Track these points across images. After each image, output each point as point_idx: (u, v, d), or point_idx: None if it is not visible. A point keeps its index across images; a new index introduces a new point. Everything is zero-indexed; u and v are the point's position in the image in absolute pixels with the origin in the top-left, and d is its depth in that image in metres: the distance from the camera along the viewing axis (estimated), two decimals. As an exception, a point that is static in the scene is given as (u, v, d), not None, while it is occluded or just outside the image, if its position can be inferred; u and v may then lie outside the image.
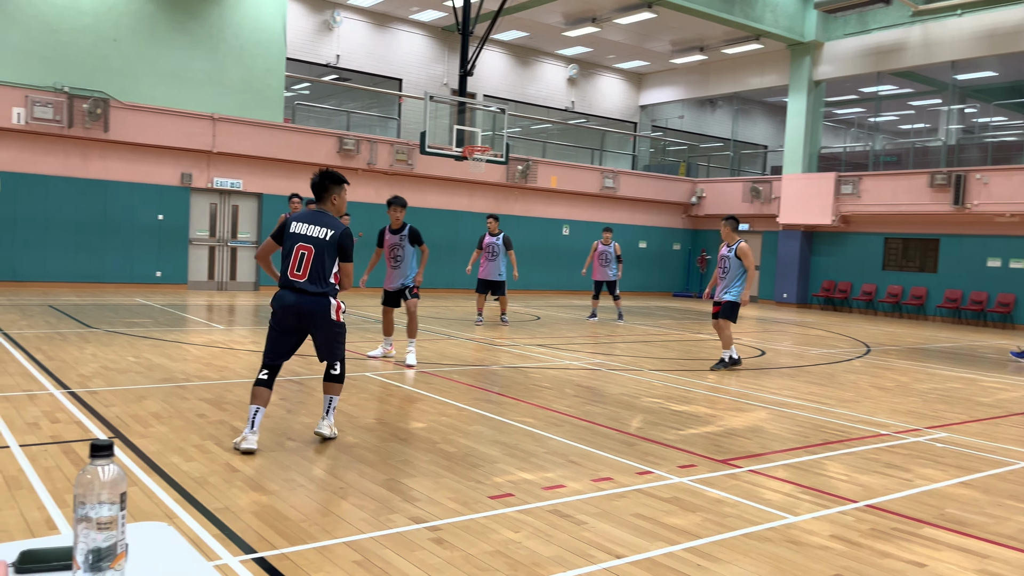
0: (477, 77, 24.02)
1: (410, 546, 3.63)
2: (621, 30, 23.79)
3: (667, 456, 5.48)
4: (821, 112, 24.49)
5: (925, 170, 21.33)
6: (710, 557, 3.67)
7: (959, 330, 18.57)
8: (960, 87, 22.97)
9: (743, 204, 25.71)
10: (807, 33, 23.39)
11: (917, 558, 3.80)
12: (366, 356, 9.40)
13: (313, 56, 22.19)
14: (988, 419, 7.51)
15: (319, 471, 4.76)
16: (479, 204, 22.64)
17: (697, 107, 30.16)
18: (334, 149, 19.85)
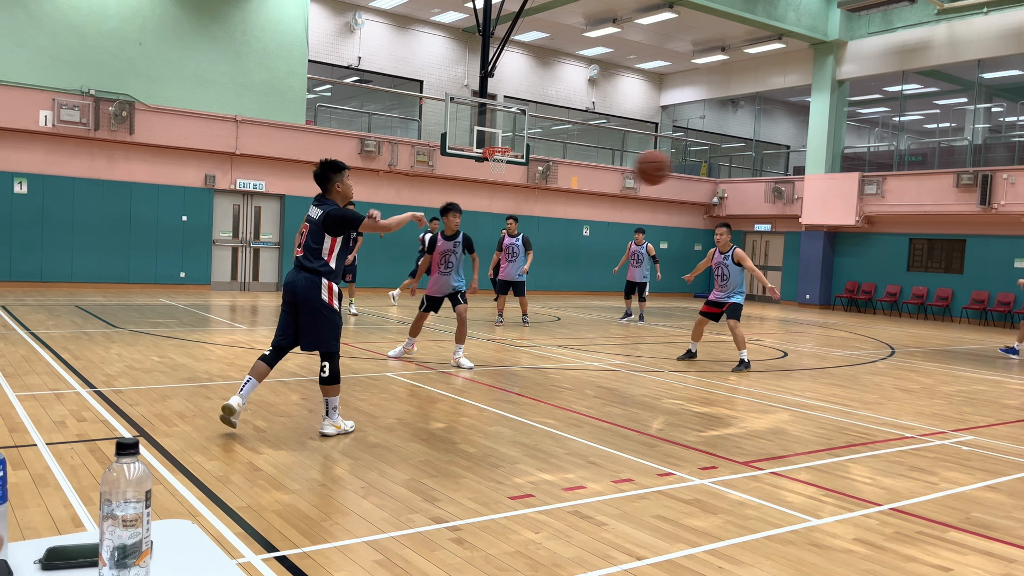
0: (497, 78, 24.06)
1: (431, 546, 3.64)
2: (642, 30, 23.71)
3: (688, 458, 5.45)
4: (844, 112, 24.26)
5: (951, 170, 21.06)
6: (731, 559, 3.64)
7: (986, 332, 18.31)
8: (986, 86, 22.65)
9: (765, 204, 25.52)
10: (830, 32, 23.17)
11: (942, 562, 3.75)
12: (387, 357, 9.43)
13: (335, 58, 22.33)
14: (1015, 422, 7.40)
15: (340, 471, 4.78)
16: (499, 205, 22.66)
17: (719, 107, 29.98)
18: (355, 150, 19.96)
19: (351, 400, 6.84)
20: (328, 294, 5.51)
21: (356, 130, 21.32)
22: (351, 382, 7.70)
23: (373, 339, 11.18)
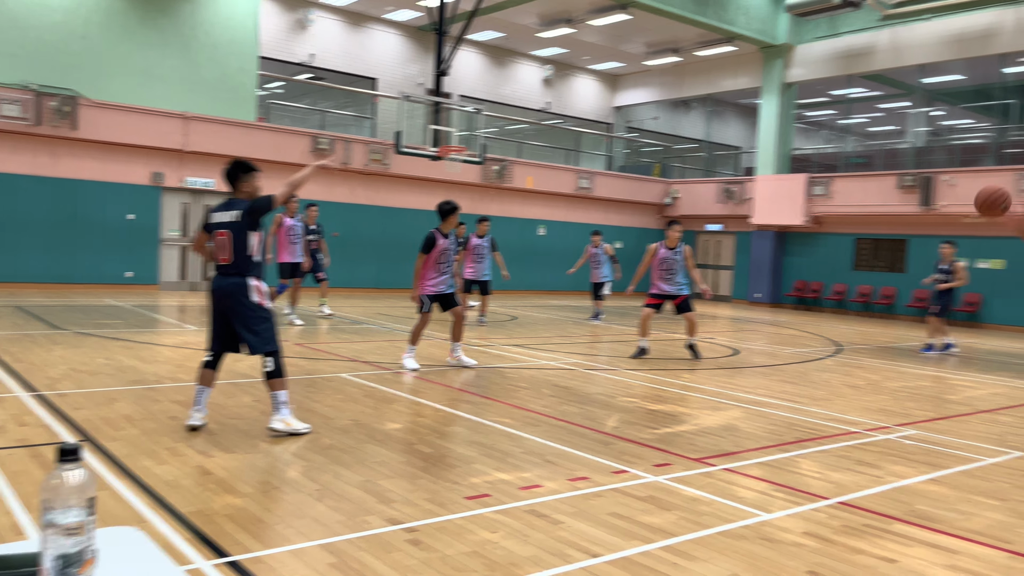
0: (452, 77, 23.99)
1: (387, 547, 3.61)
2: (596, 31, 23.88)
3: (643, 455, 5.50)
4: (793, 114, 24.77)
5: (894, 172, 21.66)
6: (686, 555, 3.69)
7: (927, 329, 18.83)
8: (928, 90, 23.35)
9: (717, 205, 25.92)
10: (779, 36, 23.64)
11: (888, 554, 3.85)
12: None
13: (287, 55, 22.02)
14: (956, 416, 7.64)
15: (294, 473, 4.72)
16: (454, 204, 22.58)
17: (671, 108, 30.36)
18: (308, 148, 19.72)
19: (305, 402, 6.75)
20: (258, 295, 5.58)
21: (309, 128, 21.05)
22: (304, 383, 7.60)
23: (327, 340, 11.06)
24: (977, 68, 21.92)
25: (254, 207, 5.57)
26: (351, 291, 20.44)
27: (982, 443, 6.48)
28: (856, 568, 3.65)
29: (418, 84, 24.14)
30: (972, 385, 9.87)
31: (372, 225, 20.94)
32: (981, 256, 20.30)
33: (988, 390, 9.50)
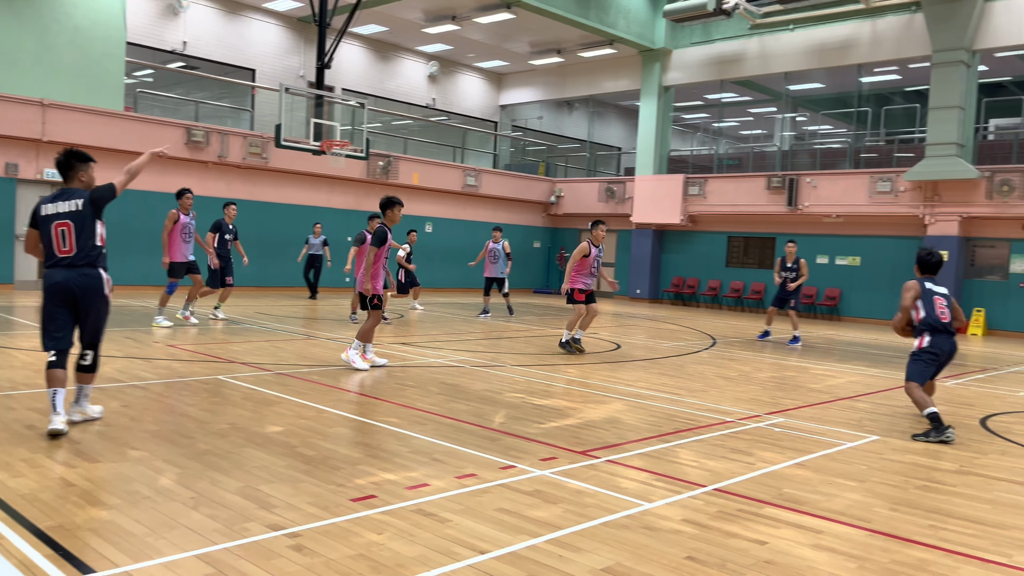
0: (335, 70, 23.46)
1: (267, 555, 3.49)
2: (481, 29, 23.95)
3: (529, 450, 5.57)
4: (670, 117, 25.70)
5: (762, 173, 22.86)
6: (571, 547, 3.76)
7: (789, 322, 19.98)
8: (792, 97, 24.76)
9: (599, 204, 26.56)
10: (657, 40, 24.46)
11: (759, 536, 4.05)
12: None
13: (157, 41, 20.92)
14: (819, 404, 8.14)
15: (166, 481, 4.49)
16: (339, 200, 22.15)
17: (555, 108, 30.85)
18: (181, 140, 18.81)
19: (178, 406, 6.44)
20: (108, 288, 5.53)
21: (182, 119, 20.08)
22: (178, 387, 7.25)
23: (203, 341, 10.59)
24: (836, 77, 23.44)
25: (97, 196, 5.48)
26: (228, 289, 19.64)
27: (842, 428, 6.94)
28: (730, 551, 3.82)
29: (299, 76, 23.48)
30: (833, 374, 10.55)
31: (251, 221, 20.19)
32: (839, 253, 21.73)
33: (847, 379, 10.18)
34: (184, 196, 11.78)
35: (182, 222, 11.73)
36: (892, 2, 20.11)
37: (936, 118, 19.17)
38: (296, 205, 21.16)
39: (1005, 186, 18.48)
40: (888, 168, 20.86)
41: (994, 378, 11.04)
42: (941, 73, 19.12)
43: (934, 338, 7.05)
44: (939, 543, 4.10)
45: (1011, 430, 7.28)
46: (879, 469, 5.57)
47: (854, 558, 3.82)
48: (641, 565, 3.59)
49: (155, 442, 5.28)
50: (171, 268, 11.71)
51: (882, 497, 4.88)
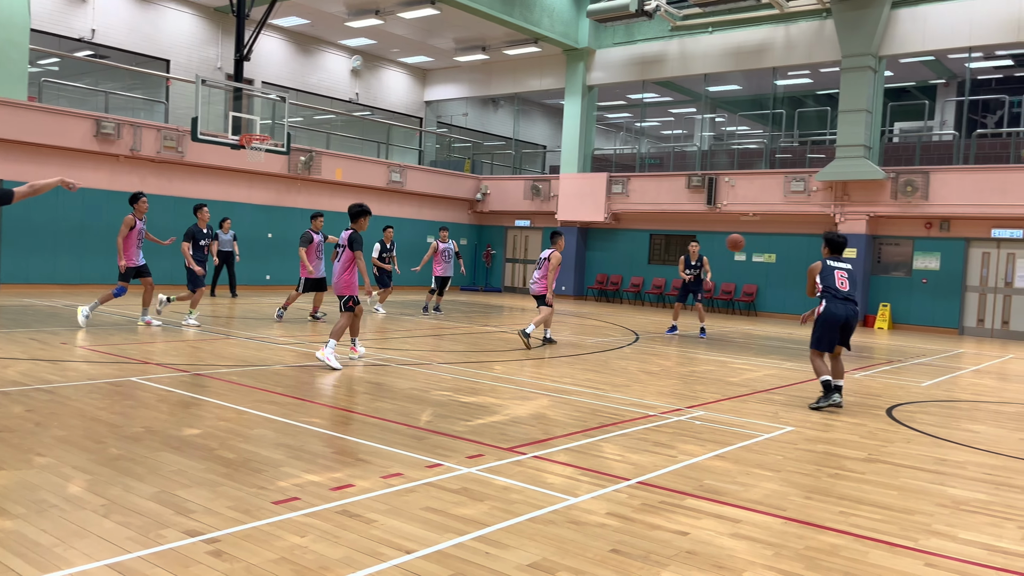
0: (255, 63, 22.89)
1: (184, 562, 3.38)
2: (405, 24, 23.74)
3: (456, 448, 5.55)
4: (594, 116, 26.03)
5: (683, 173, 23.40)
6: (498, 544, 3.76)
7: (712, 318, 20.57)
8: (711, 98, 25.41)
9: (525, 201, 26.69)
10: (580, 40, 24.72)
11: (681, 527, 4.15)
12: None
13: (65, 29, 19.97)
14: (737, 397, 8.39)
15: (76, 489, 4.29)
16: (259, 195, 21.61)
17: (480, 105, 30.84)
18: (90, 132, 18.02)
19: (88, 410, 6.17)
20: None
21: (91, 110, 19.23)
22: (87, 389, 6.95)
23: (116, 341, 10.17)
24: (752, 79, 24.17)
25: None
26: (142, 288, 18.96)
27: (759, 420, 7.16)
28: (653, 543, 3.90)
29: (217, 68, 22.79)
30: (751, 368, 10.88)
31: (165, 217, 19.52)
32: (756, 251, 22.43)
33: (764, 372, 10.52)
34: (140, 201, 11.55)
35: (137, 227, 11.52)
36: (804, 8, 20.86)
37: (845, 121, 19.99)
38: (214, 200, 20.55)
39: (909, 187, 19.42)
40: (801, 168, 21.64)
41: (899, 370, 11.60)
42: (850, 78, 19.94)
43: (830, 304, 7.92)
44: (850, 529, 4.28)
45: (915, 419, 7.66)
46: (794, 459, 5.78)
47: (771, 545, 3.95)
48: (567, 559, 3.63)
49: (63, 448, 5.05)
50: (122, 273, 11.51)
51: (797, 486, 5.06)
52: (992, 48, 19.91)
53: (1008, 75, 23.26)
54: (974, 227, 19.31)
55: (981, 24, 18.82)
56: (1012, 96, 22.28)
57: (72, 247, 18.13)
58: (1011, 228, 18.76)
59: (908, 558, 3.89)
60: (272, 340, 11.11)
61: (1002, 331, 19.07)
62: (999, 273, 19.17)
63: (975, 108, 23.15)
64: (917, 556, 3.93)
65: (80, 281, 18.21)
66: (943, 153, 20.74)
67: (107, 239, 18.50)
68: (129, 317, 12.93)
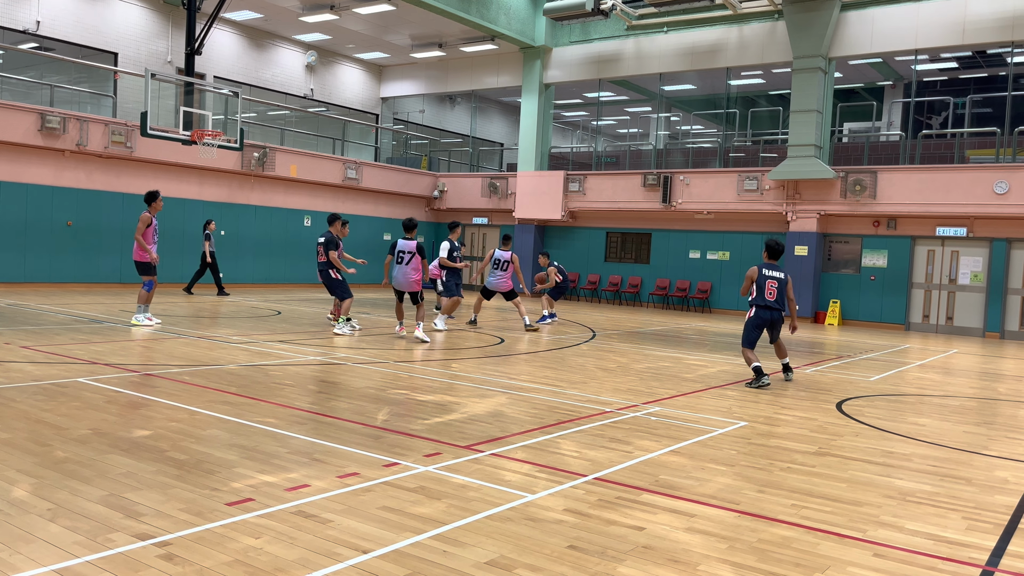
0: (207, 57, 22.46)
1: (134, 566, 3.30)
2: (360, 20, 23.52)
3: (413, 446, 5.53)
4: (551, 114, 26.10)
5: (639, 171, 23.61)
6: (455, 542, 3.76)
7: (668, 315, 20.81)
8: (666, 97, 25.68)
9: (482, 199, 26.66)
10: (537, 38, 24.77)
11: (637, 523, 4.19)
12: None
13: (8, 21, 19.35)
14: (692, 392, 8.50)
15: (20, 492, 4.16)
16: (211, 192, 21.22)
17: (437, 102, 30.72)
18: (35, 126, 17.49)
19: (32, 411, 5.99)
20: None
21: (35, 104, 18.67)
22: (32, 390, 6.75)
23: (61, 341, 9.90)
24: (707, 79, 24.50)
25: None
26: (89, 286, 18.49)
27: (713, 415, 7.27)
28: (610, 539, 3.93)
29: (167, 62, 22.30)
30: (705, 364, 11.04)
31: (113, 214, 19.06)
32: (710, 249, 22.76)
33: (718, 368, 10.68)
34: (157, 199, 11.88)
35: (153, 225, 11.76)
36: (757, 9, 21.20)
37: (796, 121, 20.38)
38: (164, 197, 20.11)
39: (858, 186, 19.88)
40: (754, 167, 22.00)
41: (848, 365, 11.87)
42: (801, 78, 20.34)
43: (758, 311, 9.29)
44: (801, 521, 4.37)
45: (863, 413, 7.85)
46: (747, 453, 5.88)
47: (725, 539, 4.01)
48: (524, 556, 3.64)
49: (6, 451, 4.90)
50: (147, 267, 11.72)
51: (750, 480, 5.15)
52: (938, 51, 20.49)
53: (953, 77, 23.97)
54: (920, 225, 19.85)
55: (927, 27, 19.35)
56: (956, 98, 22.96)
57: (15, 244, 17.59)
58: (955, 227, 19.34)
59: (857, 549, 3.99)
60: (225, 339, 10.92)
61: (946, 326, 19.64)
62: (944, 270, 19.74)
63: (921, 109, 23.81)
64: (866, 547, 4.03)
65: (23, 279, 17.68)
66: (890, 153, 21.28)
67: (51, 236, 17.99)
68: (76, 316, 12.59)
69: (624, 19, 22.74)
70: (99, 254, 18.76)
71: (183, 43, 20.65)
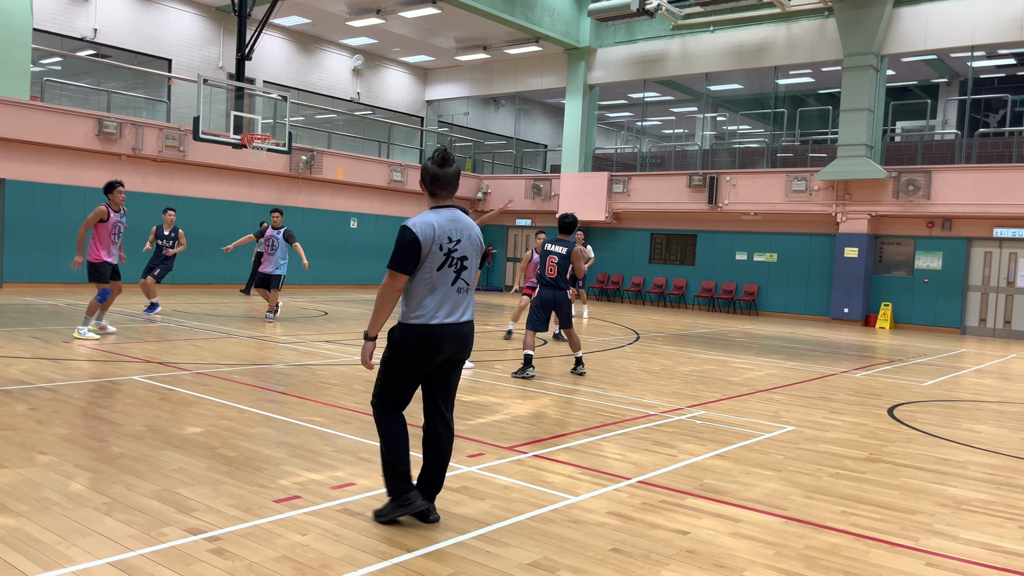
0: (256, 62, 22.90)
1: (186, 560, 3.39)
2: (406, 23, 23.74)
3: (457, 446, 5.55)
4: (595, 115, 26.02)
5: (684, 172, 23.39)
6: (498, 543, 3.77)
7: (713, 317, 20.57)
8: (712, 97, 25.39)
9: (526, 201, 26.69)
10: (582, 39, 24.71)
11: (681, 527, 4.15)
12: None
13: (67, 29, 19.99)
14: (738, 396, 8.39)
15: (78, 486, 4.30)
16: (260, 195, 21.63)
17: (481, 105, 30.84)
18: (92, 132, 18.03)
19: (90, 408, 6.18)
20: None
21: (93, 109, 19.25)
22: (90, 387, 6.96)
23: (117, 340, 10.18)
24: (753, 78, 24.15)
25: None
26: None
27: (760, 420, 7.17)
28: (654, 542, 3.91)
29: (218, 68, 22.81)
30: (751, 368, 10.88)
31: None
32: (757, 250, 22.43)
33: (764, 372, 10.52)
34: (115, 190, 9.98)
35: (112, 220, 10.02)
36: (806, 7, 20.84)
37: (847, 120, 19.97)
38: (215, 200, 20.57)
39: (911, 186, 19.41)
40: (803, 168, 21.62)
41: (900, 369, 11.59)
42: (851, 77, 19.93)
43: (541, 289, 8.96)
44: (850, 528, 4.28)
45: (916, 418, 7.66)
46: (794, 458, 5.78)
47: (771, 545, 3.96)
48: (567, 558, 3.63)
49: (65, 446, 5.06)
50: (97, 272, 10.04)
51: (797, 485, 5.06)
52: (994, 47, 19.88)
53: (1010, 74, 23.24)
54: (976, 226, 19.29)
55: (983, 23, 18.80)
56: (1014, 95, 22.26)
57: (73, 246, 18.13)
58: (1013, 227, 18.74)
59: (909, 558, 3.90)
60: (273, 339, 11.12)
61: (1004, 330, 19.05)
62: (1001, 272, 19.15)
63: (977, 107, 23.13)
64: (918, 556, 3.93)
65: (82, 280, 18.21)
66: (945, 152, 20.72)
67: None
68: (132, 316, 12.94)
69: (670, 19, 22.54)
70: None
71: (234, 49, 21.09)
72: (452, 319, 3.93)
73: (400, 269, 3.87)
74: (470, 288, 4.05)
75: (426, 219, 3.97)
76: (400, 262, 3.87)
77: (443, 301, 3.92)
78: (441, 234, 3.94)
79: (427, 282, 3.90)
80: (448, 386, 4.11)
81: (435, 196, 4.11)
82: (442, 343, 3.91)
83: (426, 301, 3.90)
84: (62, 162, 17.88)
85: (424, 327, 3.89)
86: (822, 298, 21.34)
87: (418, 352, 3.92)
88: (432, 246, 3.90)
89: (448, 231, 3.97)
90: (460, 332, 3.97)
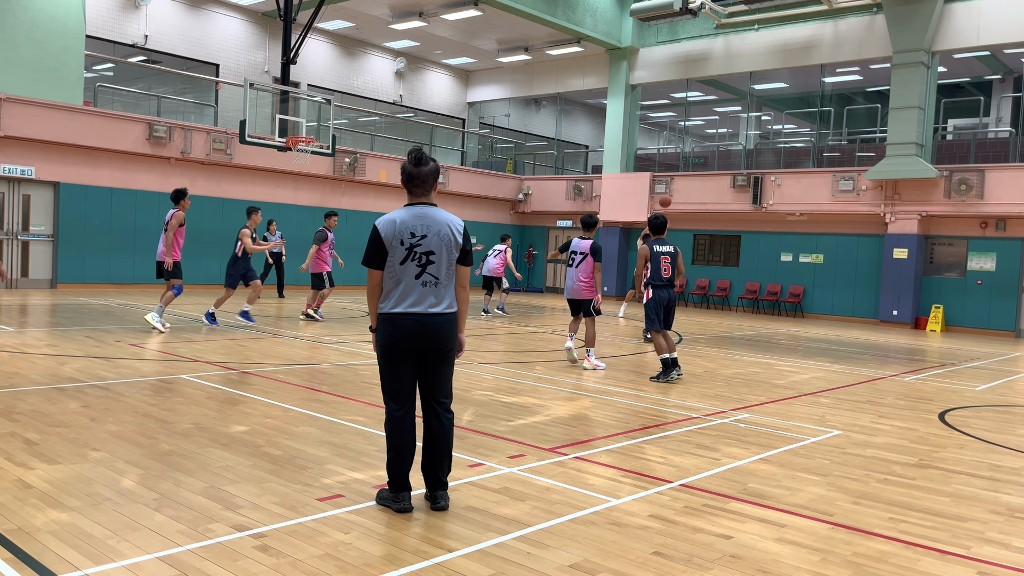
0: (301, 66, 23.24)
1: (232, 556, 3.45)
2: (448, 26, 23.88)
3: (497, 447, 5.57)
4: (637, 115, 25.85)
5: (728, 172, 23.10)
6: (539, 544, 3.77)
7: (758, 319, 20.28)
8: (757, 96, 25.05)
9: (567, 201, 26.63)
10: (624, 39, 24.58)
11: (724, 531, 4.10)
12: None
13: (118, 35, 20.53)
14: (783, 400, 8.25)
15: (128, 483, 4.41)
16: (305, 197, 21.94)
17: (523, 106, 30.87)
18: (143, 136, 18.49)
19: (140, 406, 6.33)
20: None
21: (143, 114, 19.73)
22: (140, 386, 7.13)
23: (165, 339, 10.42)
24: (799, 77, 23.75)
25: None
26: (192, 288, 19.38)
27: (805, 423, 7.04)
28: (696, 546, 3.86)
29: (264, 72, 23.20)
30: (796, 371, 10.70)
31: (214, 218, 19.94)
32: (803, 251, 22.05)
33: (810, 375, 10.34)
34: (186, 197, 11.12)
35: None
36: (854, 3, 20.44)
37: (896, 118, 19.53)
38: (261, 202, 20.92)
39: (963, 185, 18.90)
40: (850, 167, 21.20)
41: (952, 373, 11.29)
42: (901, 74, 19.48)
43: (658, 291, 9.08)
44: (899, 535, 4.18)
45: (969, 424, 7.46)
46: (841, 463, 5.67)
47: (817, 551, 3.88)
48: (608, 561, 3.61)
49: (116, 443, 5.19)
50: (176, 269, 11.03)
51: (844, 491, 4.96)
52: (1051, 42, 19.27)
53: (1068, 69, 22.49)
54: (1032, 227, 18.71)
55: (1039, 17, 18.23)
56: (1072, 91, 21.53)
57: (125, 247, 18.62)
58: (1071, 228, 18.14)
59: (960, 566, 3.79)
60: (317, 339, 11.26)
61: (1061, 334, 18.44)
62: (1058, 274, 18.53)
63: (1033, 104, 22.41)
64: (969, 564, 3.82)
65: (133, 280, 18.70)
66: (999, 151, 20.13)
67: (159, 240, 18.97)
68: (180, 316, 13.23)
69: (713, 17, 22.31)
70: (201, 257, 19.63)
71: (279, 53, 21.46)
72: (415, 309, 4.11)
73: (369, 264, 4.16)
74: (439, 282, 4.19)
75: (391, 216, 4.20)
76: (368, 257, 4.16)
77: (406, 293, 4.12)
78: (403, 229, 4.13)
79: (392, 275, 4.13)
80: (437, 380, 4.30)
81: (411, 193, 4.31)
82: (404, 330, 4.10)
83: (392, 292, 4.14)
84: (114, 166, 18.36)
85: (387, 315, 4.14)
86: (870, 300, 20.90)
87: (384, 338, 4.15)
88: (393, 241, 4.11)
89: (412, 227, 4.15)
90: (424, 322, 4.13)
